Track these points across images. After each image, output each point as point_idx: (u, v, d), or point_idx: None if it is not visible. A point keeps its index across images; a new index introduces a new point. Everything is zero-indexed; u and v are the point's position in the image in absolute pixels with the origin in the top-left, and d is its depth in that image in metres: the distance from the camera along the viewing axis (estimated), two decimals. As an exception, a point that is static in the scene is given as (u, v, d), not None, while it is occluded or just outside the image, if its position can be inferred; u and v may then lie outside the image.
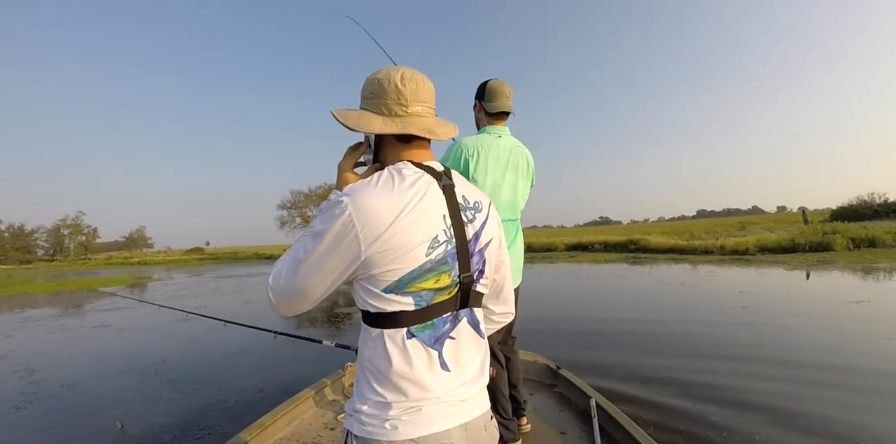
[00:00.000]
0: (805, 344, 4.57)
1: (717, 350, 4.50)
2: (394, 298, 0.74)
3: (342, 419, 2.24)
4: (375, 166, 0.89)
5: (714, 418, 2.90)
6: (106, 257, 62.24)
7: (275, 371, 4.53)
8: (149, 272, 26.78)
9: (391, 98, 0.81)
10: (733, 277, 10.56)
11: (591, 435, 2.02)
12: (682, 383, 3.60)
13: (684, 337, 5.10)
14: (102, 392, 4.14)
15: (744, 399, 3.20)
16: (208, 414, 3.44)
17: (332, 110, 0.82)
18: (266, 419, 2.21)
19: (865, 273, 9.60)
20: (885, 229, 16.66)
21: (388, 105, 0.81)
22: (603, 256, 19.96)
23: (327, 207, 0.75)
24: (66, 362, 5.35)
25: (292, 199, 38.31)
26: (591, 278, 11.18)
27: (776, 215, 56.65)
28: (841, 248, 15.20)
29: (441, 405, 0.75)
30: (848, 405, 3.01)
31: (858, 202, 27.18)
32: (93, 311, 10.06)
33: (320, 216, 0.75)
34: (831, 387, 3.37)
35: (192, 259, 48.06)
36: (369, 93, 0.84)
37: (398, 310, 0.75)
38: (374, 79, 0.83)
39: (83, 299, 12.58)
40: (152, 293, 13.41)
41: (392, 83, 0.81)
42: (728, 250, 17.00)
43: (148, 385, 4.28)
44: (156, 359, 5.21)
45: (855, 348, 4.30)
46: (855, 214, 24.04)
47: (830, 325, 5.28)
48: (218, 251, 66.49)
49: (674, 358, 4.30)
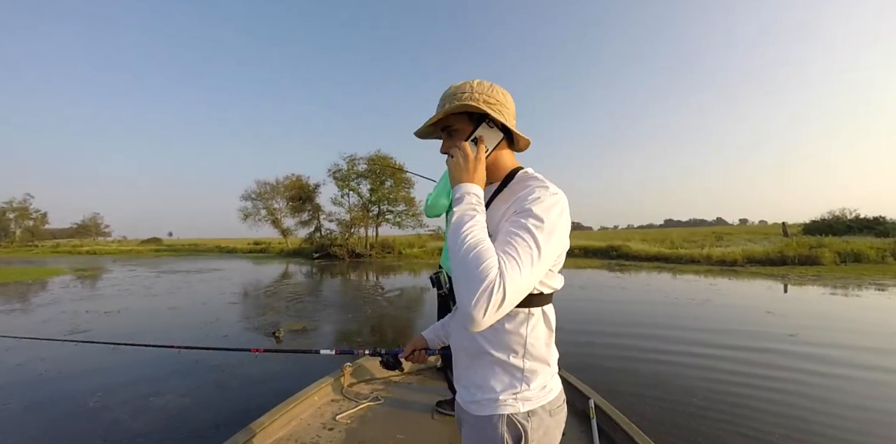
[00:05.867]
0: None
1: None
2: (560, 276, 0.92)
3: (341, 419, 2.34)
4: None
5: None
6: (53, 244, 57.82)
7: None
8: (89, 263, 24.18)
9: (510, 110, 0.94)
10: (743, 291, 9.57)
11: (589, 436, 2.03)
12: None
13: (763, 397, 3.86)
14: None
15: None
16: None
17: (483, 107, 0.90)
18: (265, 419, 2.15)
19: (882, 290, 8.77)
20: (867, 245, 16.47)
21: (508, 115, 0.93)
22: (585, 262, 19.06)
23: (553, 201, 0.82)
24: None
25: (258, 189, 35.61)
26: (585, 289, 9.98)
27: (749, 227, 57.72)
28: (829, 262, 14.77)
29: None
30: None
31: (831, 217, 27.35)
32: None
33: (545, 208, 0.80)
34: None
35: (148, 250, 45.11)
36: (494, 99, 0.91)
37: (560, 286, 0.92)
38: (495, 88, 0.93)
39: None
40: (58, 292, 11.38)
41: (509, 97, 0.95)
42: (715, 260, 16.31)
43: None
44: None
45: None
46: (829, 229, 24.01)
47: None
48: (177, 243, 62.98)
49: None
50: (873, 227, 24.09)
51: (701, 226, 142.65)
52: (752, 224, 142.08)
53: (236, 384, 3.88)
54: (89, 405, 3.39)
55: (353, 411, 2.43)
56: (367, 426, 2.27)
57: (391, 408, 2.49)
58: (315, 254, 26.76)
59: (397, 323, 6.66)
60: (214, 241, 62.14)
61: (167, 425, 3.03)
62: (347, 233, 27.51)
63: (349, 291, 11.33)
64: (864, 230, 24.02)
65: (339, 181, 27.17)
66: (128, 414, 3.22)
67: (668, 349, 4.79)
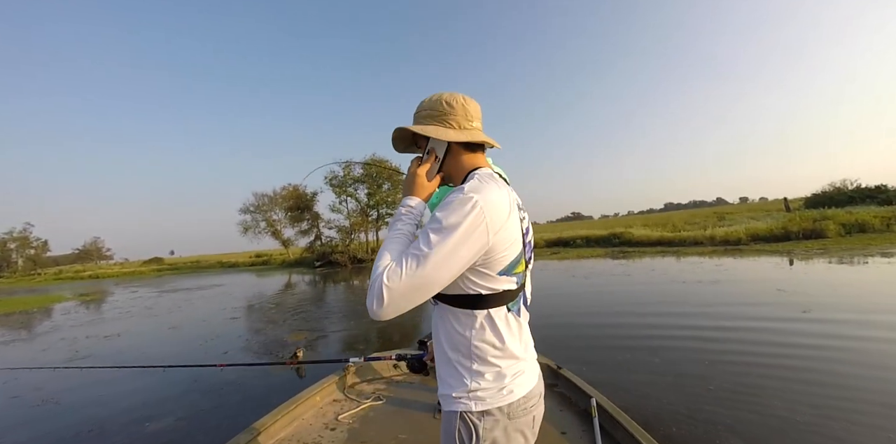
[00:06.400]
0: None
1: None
2: (504, 278, 0.90)
3: (343, 419, 2.33)
4: (440, 175, 1.03)
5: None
6: (56, 271, 57.71)
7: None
8: (92, 288, 24.08)
9: (459, 114, 0.99)
10: (751, 270, 9.42)
11: (591, 435, 2.01)
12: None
13: (792, 375, 3.72)
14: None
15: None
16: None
17: (409, 126, 1.00)
18: (266, 420, 2.15)
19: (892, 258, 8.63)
20: (872, 214, 16.30)
21: (458, 120, 0.99)
22: (587, 251, 18.88)
23: (458, 202, 0.83)
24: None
25: (256, 202, 35.54)
26: (588, 278, 9.84)
27: (750, 205, 57.42)
28: (834, 234, 14.63)
29: (528, 364, 0.96)
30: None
31: (832, 189, 27.14)
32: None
33: (448, 211, 0.83)
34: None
35: (150, 271, 44.93)
36: (437, 111, 0.99)
37: (507, 289, 0.91)
38: (441, 99, 0.99)
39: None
40: (58, 319, 11.26)
41: (459, 103, 0.99)
42: (719, 240, 16.17)
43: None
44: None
45: None
46: (830, 201, 23.80)
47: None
48: (179, 261, 62.76)
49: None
50: (875, 196, 23.87)
51: (702, 207, 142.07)
52: (752, 202, 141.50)
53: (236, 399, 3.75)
54: (82, 436, 3.26)
55: (356, 411, 2.42)
56: (369, 425, 2.27)
57: (393, 408, 2.47)
58: (317, 262, 26.63)
59: (402, 327, 6.54)
60: (216, 256, 62.06)
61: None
62: (348, 239, 27.38)
63: (352, 297, 11.21)
64: (867, 200, 23.78)
65: (337, 188, 27.01)
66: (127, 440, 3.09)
67: (675, 335, 4.66)
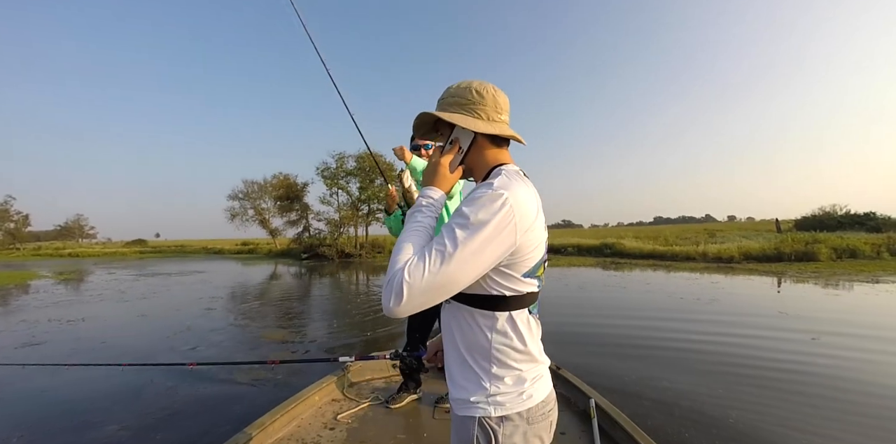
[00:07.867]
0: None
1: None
2: (528, 281, 0.86)
3: (342, 418, 2.32)
4: (461, 167, 0.96)
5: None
6: (35, 247, 56.29)
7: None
8: (69, 266, 23.34)
9: (489, 105, 0.92)
10: (747, 290, 9.26)
11: (590, 435, 1.99)
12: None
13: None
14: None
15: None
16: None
17: (435, 112, 0.93)
18: (266, 419, 2.13)
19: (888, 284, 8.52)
20: (863, 240, 16.40)
21: (487, 111, 0.92)
22: (579, 259, 18.75)
23: (488, 198, 0.78)
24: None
25: (245, 189, 34.87)
26: (583, 289, 9.60)
27: (741, 223, 58.18)
28: (825, 258, 14.62)
29: (545, 368, 0.92)
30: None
31: (822, 213, 27.44)
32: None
33: (477, 207, 0.78)
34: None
35: (132, 253, 44.03)
36: (465, 99, 0.92)
37: (529, 291, 0.87)
38: (470, 88, 0.93)
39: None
40: (26, 299, 10.73)
41: (490, 93, 0.92)
42: (711, 257, 16.08)
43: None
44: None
45: None
46: (820, 225, 24.04)
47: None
48: (163, 244, 61.70)
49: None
50: (864, 222, 24.18)
51: (690, 223, 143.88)
52: (739, 221, 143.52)
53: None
54: (12, 441, 2.90)
55: (354, 410, 2.43)
56: (367, 425, 2.27)
57: (392, 407, 2.48)
58: (304, 254, 26.23)
59: (390, 325, 6.22)
60: (202, 242, 61.14)
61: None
62: (337, 232, 26.97)
63: (339, 293, 10.86)
64: (856, 226, 24.07)
65: (328, 180, 26.56)
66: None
67: (673, 341, 4.41)
